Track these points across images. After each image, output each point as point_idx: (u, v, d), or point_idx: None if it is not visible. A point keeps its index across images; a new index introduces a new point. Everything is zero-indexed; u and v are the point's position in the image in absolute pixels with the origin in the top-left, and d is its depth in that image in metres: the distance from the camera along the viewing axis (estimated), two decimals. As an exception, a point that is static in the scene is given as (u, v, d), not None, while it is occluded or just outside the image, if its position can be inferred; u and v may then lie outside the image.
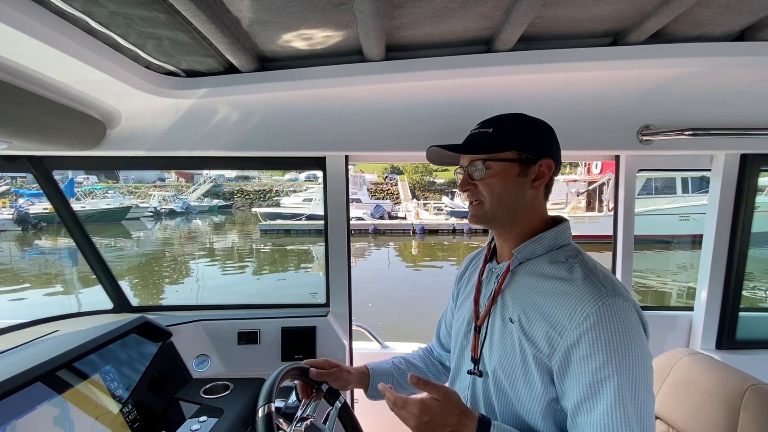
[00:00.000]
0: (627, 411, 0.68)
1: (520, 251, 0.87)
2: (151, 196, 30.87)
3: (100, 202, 25.80)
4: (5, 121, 1.04)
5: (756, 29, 1.16)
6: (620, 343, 0.70)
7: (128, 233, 22.18)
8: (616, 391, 0.69)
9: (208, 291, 11.01)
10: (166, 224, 26.20)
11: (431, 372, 1.23)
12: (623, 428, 0.67)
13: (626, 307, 0.73)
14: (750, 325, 1.70)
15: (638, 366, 0.70)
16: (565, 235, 0.88)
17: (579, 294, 0.75)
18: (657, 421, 1.18)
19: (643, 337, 0.74)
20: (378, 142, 1.48)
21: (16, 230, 20.83)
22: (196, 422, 1.18)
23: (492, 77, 1.31)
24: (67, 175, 29.15)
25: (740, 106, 1.43)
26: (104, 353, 1.22)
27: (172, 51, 1.10)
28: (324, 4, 0.93)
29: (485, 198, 0.87)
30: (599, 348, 0.71)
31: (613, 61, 1.22)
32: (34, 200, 25.57)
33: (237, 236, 22.54)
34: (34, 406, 0.96)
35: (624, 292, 0.76)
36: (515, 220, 0.89)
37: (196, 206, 30.44)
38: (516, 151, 0.85)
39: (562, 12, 1.05)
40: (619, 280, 0.80)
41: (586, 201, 17.95)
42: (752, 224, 1.61)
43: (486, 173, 0.86)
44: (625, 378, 0.69)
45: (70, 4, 0.82)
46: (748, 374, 1.04)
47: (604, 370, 0.70)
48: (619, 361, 0.70)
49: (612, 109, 1.45)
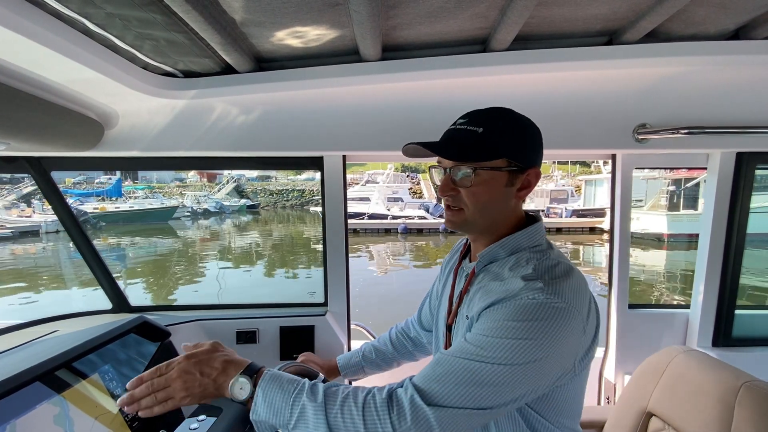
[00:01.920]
0: (471, 377, 0.68)
1: (483, 255, 0.86)
2: (185, 196, 31.05)
3: (144, 202, 26.00)
4: (3, 122, 1.05)
5: (750, 28, 1.16)
6: (516, 330, 0.69)
7: (175, 232, 22.40)
8: (477, 360, 0.69)
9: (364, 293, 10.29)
10: (207, 223, 26.31)
11: (401, 354, 1.26)
12: (453, 384, 0.68)
13: (555, 311, 0.70)
14: (746, 322, 1.70)
15: (508, 357, 0.68)
16: (534, 237, 0.84)
17: (517, 284, 0.74)
18: (653, 418, 1.19)
19: (546, 345, 0.69)
20: (375, 142, 1.49)
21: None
22: (195, 421, 1.18)
23: (488, 77, 1.32)
24: (115, 175, 29.30)
25: (736, 104, 1.43)
26: (103, 353, 1.22)
27: (169, 52, 1.11)
28: (319, 5, 0.93)
29: (467, 206, 0.82)
30: (498, 318, 0.72)
31: (608, 60, 1.22)
32: (83, 200, 25.85)
33: (300, 234, 22.58)
34: (34, 406, 0.97)
35: (567, 300, 0.71)
36: (494, 225, 0.86)
37: (228, 206, 30.64)
38: (506, 159, 0.79)
39: (557, 11, 1.05)
40: (576, 289, 0.75)
41: (668, 199, 17.45)
42: (748, 222, 1.61)
43: (473, 181, 0.79)
44: (496, 358, 0.68)
45: (67, 5, 0.82)
46: (743, 371, 1.05)
47: (482, 334, 0.72)
48: (506, 343, 0.69)
49: (607, 108, 1.46)
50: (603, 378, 1.79)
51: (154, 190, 32.88)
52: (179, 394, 0.77)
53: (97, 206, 23.96)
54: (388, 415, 0.67)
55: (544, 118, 1.49)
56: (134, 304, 1.76)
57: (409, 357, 1.27)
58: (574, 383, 0.79)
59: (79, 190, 28.51)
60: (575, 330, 0.72)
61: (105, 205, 24.52)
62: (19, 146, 1.20)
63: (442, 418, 0.67)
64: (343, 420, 0.68)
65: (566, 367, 0.74)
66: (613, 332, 1.73)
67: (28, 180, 33.01)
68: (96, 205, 24.55)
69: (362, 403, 0.69)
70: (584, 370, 0.80)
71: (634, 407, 1.23)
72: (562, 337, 0.70)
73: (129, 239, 20.15)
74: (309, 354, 1.37)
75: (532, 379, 0.69)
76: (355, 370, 1.25)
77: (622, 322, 1.71)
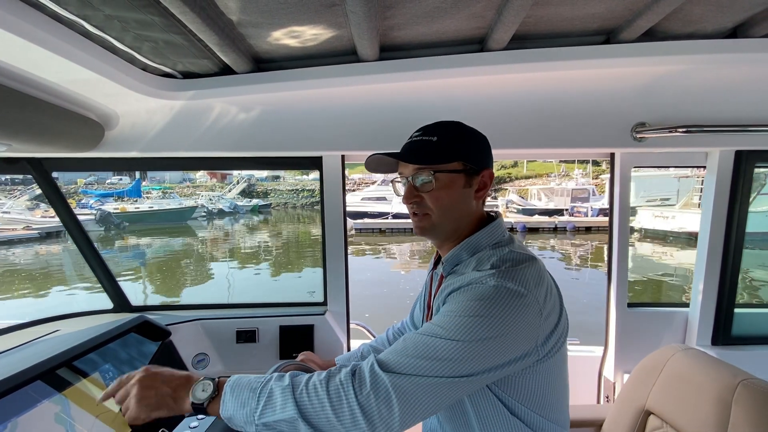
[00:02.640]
0: (425, 351, 0.72)
1: (447, 259, 0.90)
2: (200, 196, 31.14)
3: (162, 202, 25.96)
4: (5, 124, 1.06)
5: (748, 26, 1.16)
6: (468, 308, 0.74)
7: (194, 232, 22.44)
8: (432, 336, 0.73)
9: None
10: (221, 223, 26.29)
11: None
12: (409, 356, 0.72)
13: (506, 292, 0.74)
14: (746, 321, 1.70)
15: (460, 334, 0.72)
16: (493, 235, 0.88)
17: (470, 278, 0.79)
18: (651, 416, 1.19)
19: (500, 323, 0.72)
20: (374, 142, 1.49)
21: (98, 230, 20.76)
22: (195, 419, 1.19)
23: (485, 76, 1.32)
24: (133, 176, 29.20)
25: (734, 103, 1.43)
26: (104, 352, 1.23)
27: (168, 53, 1.11)
28: (316, 6, 0.93)
29: (432, 210, 0.87)
30: (453, 301, 0.77)
31: (605, 59, 1.22)
32: (103, 200, 25.89)
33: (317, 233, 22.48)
34: (35, 404, 0.98)
35: (519, 284, 0.75)
36: (457, 229, 0.90)
37: (242, 206, 30.77)
38: (461, 162, 0.86)
39: (554, 11, 1.06)
40: (531, 276, 0.79)
41: (701, 197, 17.16)
42: (747, 221, 1.61)
43: (435, 184, 0.85)
44: (449, 334, 0.72)
45: (66, 8, 0.83)
46: (740, 369, 1.05)
47: (440, 314, 0.77)
48: (458, 321, 0.73)
49: (605, 108, 1.46)
50: (602, 377, 1.79)
51: (170, 191, 32.99)
52: (134, 405, 0.76)
53: (117, 206, 23.97)
54: (351, 384, 0.71)
55: (542, 117, 1.50)
56: (135, 303, 1.77)
57: None
58: (545, 369, 0.81)
59: (99, 191, 28.63)
60: (530, 312, 0.75)
61: (125, 205, 24.56)
62: (20, 147, 1.22)
63: (398, 384, 0.70)
64: (308, 395, 0.70)
65: (524, 349, 0.76)
66: (612, 331, 1.73)
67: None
68: (116, 205, 24.58)
69: (326, 377, 0.73)
70: (554, 357, 0.81)
71: (633, 406, 1.23)
72: (514, 317, 0.73)
73: (154, 239, 20.29)
74: (309, 353, 1.38)
75: (485, 357, 0.72)
76: None
77: (622, 321, 1.72)
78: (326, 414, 0.69)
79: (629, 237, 1.70)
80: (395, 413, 0.68)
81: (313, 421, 0.69)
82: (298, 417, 0.69)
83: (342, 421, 0.68)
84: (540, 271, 0.82)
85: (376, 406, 0.68)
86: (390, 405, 0.68)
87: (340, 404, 0.69)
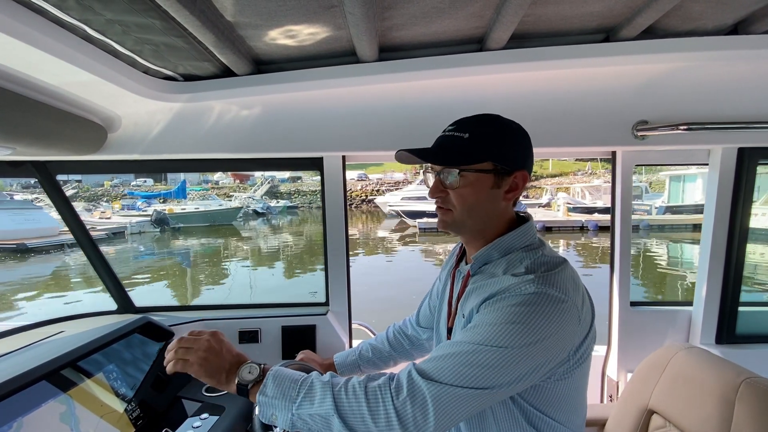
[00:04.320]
0: (467, 358, 0.71)
1: (477, 257, 0.89)
2: (233, 197, 31.34)
3: (205, 203, 26.00)
4: (9, 127, 1.07)
5: (749, 22, 1.15)
6: (511, 315, 0.72)
7: (239, 232, 22.49)
8: (474, 344, 0.72)
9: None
10: (255, 224, 26.36)
11: (398, 353, 1.28)
12: (449, 365, 0.72)
13: (548, 298, 0.73)
14: (750, 319, 1.69)
15: (503, 340, 0.71)
16: (526, 236, 0.87)
17: (509, 280, 0.78)
18: (654, 415, 1.19)
19: (542, 329, 0.72)
20: (374, 142, 1.50)
21: (153, 231, 20.93)
22: (198, 420, 1.20)
23: (485, 76, 1.32)
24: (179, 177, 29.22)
25: (736, 100, 1.42)
26: (108, 353, 1.25)
27: (169, 56, 1.12)
28: (315, 7, 0.94)
29: (455, 207, 0.86)
30: (494, 310, 0.75)
31: (605, 57, 1.22)
32: (150, 201, 26.28)
33: (385, 231, 22.21)
34: (40, 404, 0.99)
35: (559, 289, 0.74)
36: (484, 227, 0.88)
37: (274, 207, 31.00)
38: (492, 162, 0.83)
39: (553, 9, 1.05)
40: (568, 280, 0.78)
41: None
42: (750, 218, 1.60)
43: (460, 183, 0.83)
44: (492, 341, 0.72)
45: (67, 12, 0.84)
46: (743, 368, 1.05)
47: (480, 324, 0.75)
48: (501, 328, 0.72)
49: (606, 106, 1.45)
50: (605, 376, 1.78)
51: (210, 191, 33.27)
52: (195, 361, 0.82)
53: (164, 207, 24.07)
54: (389, 388, 0.72)
55: (542, 116, 1.50)
56: (139, 305, 1.78)
57: (407, 356, 1.28)
58: (572, 379, 0.80)
59: (144, 192, 28.90)
60: (570, 318, 0.75)
61: (171, 206, 24.66)
62: (24, 150, 1.23)
63: (436, 393, 0.70)
64: (347, 394, 0.73)
65: (561, 356, 0.76)
66: (615, 330, 1.73)
67: (69, 184, 33.26)
68: (162, 206, 24.74)
69: (366, 380, 0.75)
70: (581, 366, 0.81)
71: (636, 405, 1.22)
72: (556, 322, 0.73)
73: (213, 239, 20.39)
74: (308, 352, 1.38)
75: (527, 363, 0.72)
76: (352, 368, 1.27)
77: (624, 319, 1.71)
78: (362, 414, 0.71)
79: (630, 236, 1.69)
80: (430, 420, 0.69)
81: (348, 420, 0.71)
82: (333, 413, 0.71)
83: (377, 423, 0.70)
84: (575, 276, 0.81)
85: (412, 412, 0.69)
86: (426, 412, 0.69)
87: (377, 406, 0.71)
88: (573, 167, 34.63)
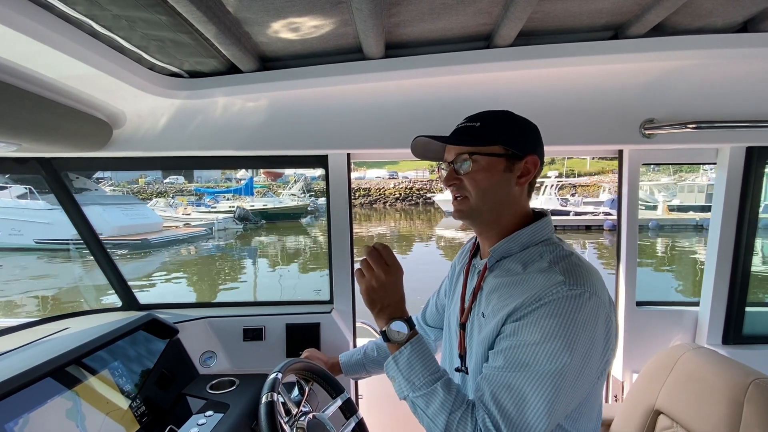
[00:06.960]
0: (520, 382, 0.71)
1: (495, 250, 0.88)
2: (282, 195, 31.40)
3: (274, 200, 26.34)
4: (14, 123, 1.07)
5: (759, 20, 1.14)
6: (557, 328, 0.72)
7: (305, 230, 22.81)
8: (524, 364, 0.72)
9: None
10: (307, 221, 26.43)
11: None
12: (503, 393, 0.72)
13: (582, 300, 0.73)
14: (757, 319, 1.68)
15: (560, 358, 0.71)
16: (543, 231, 0.87)
17: (537, 283, 0.77)
18: (661, 416, 1.18)
19: (588, 333, 0.73)
20: (380, 140, 1.49)
21: (236, 228, 21.15)
22: (203, 417, 1.20)
23: (492, 73, 1.31)
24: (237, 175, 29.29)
25: (745, 98, 1.41)
26: (113, 350, 1.25)
27: (175, 52, 1.12)
28: (322, 3, 0.93)
29: (470, 193, 0.86)
30: (535, 325, 0.73)
31: (613, 54, 1.21)
32: (217, 198, 26.56)
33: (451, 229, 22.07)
34: (45, 401, 0.99)
35: (590, 287, 0.75)
36: (499, 216, 0.88)
37: (319, 204, 31.09)
38: (503, 146, 0.85)
39: (561, 6, 1.05)
40: (594, 276, 0.79)
41: None
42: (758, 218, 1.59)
43: (472, 167, 0.85)
44: (540, 359, 0.71)
45: (74, 8, 0.84)
46: (752, 368, 1.04)
47: (528, 345, 0.73)
48: (547, 342, 0.71)
49: (613, 104, 1.44)
50: (611, 376, 1.77)
51: (266, 189, 33.40)
52: (365, 284, 0.85)
53: (233, 205, 24.37)
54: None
55: (549, 113, 1.49)
56: (143, 302, 1.78)
57: None
58: (598, 383, 0.80)
59: (212, 189, 29.06)
60: (604, 314, 0.76)
61: (240, 203, 24.93)
62: (30, 147, 1.23)
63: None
64: (456, 424, 0.74)
65: (603, 353, 0.77)
66: (621, 330, 1.72)
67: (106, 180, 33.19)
68: (231, 203, 25.07)
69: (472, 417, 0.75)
70: (606, 367, 0.81)
71: (642, 405, 1.22)
72: (596, 320, 0.74)
73: (298, 236, 20.79)
74: (313, 350, 1.38)
75: (593, 367, 0.74)
76: (357, 368, 1.26)
77: (630, 319, 1.70)
78: None
79: (637, 236, 1.68)
80: None
81: None
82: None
83: None
84: (597, 272, 0.82)
85: None
86: None
87: None
88: (612, 165, 34.01)
